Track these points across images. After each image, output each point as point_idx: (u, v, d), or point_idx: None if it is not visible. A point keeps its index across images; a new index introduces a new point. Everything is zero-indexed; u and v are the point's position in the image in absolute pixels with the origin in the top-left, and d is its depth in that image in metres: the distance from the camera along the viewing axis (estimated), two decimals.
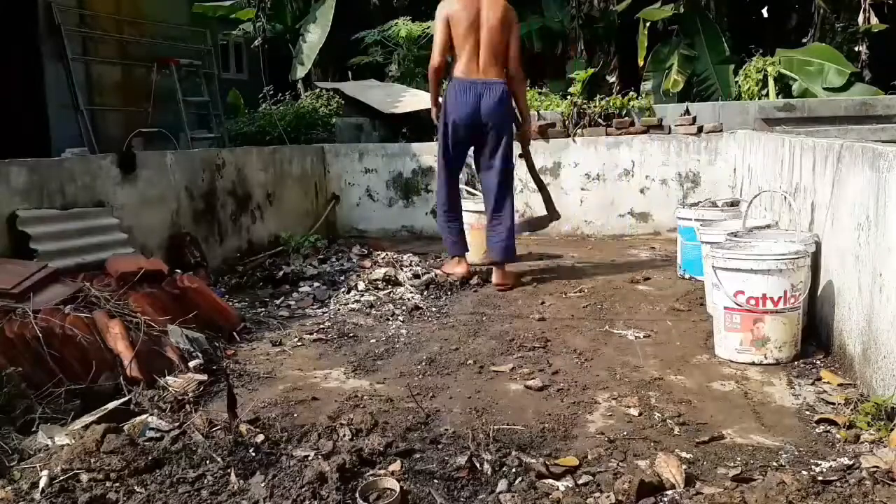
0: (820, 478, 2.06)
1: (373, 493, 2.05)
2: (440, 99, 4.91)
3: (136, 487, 2.16)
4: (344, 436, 2.45)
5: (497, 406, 2.79)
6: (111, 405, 2.66)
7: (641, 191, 6.77)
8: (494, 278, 4.84)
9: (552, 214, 5.48)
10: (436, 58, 4.80)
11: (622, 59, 11.27)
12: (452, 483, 2.15)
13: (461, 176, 5.18)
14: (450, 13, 4.73)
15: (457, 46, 4.74)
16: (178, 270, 4.30)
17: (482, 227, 5.18)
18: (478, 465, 2.22)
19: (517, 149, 5.10)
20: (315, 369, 3.32)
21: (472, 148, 4.91)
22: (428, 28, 9.24)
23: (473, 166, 5.21)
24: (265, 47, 10.13)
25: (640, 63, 10.35)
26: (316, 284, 4.98)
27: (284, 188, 6.61)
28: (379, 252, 5.98)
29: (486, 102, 4.67)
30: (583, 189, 6.88)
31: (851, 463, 2.19)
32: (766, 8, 11.88)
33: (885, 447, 2.23)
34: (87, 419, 2.56)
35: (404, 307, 4.34)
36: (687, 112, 6.98)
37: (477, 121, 4.69)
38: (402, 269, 5.12)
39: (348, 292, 4.68)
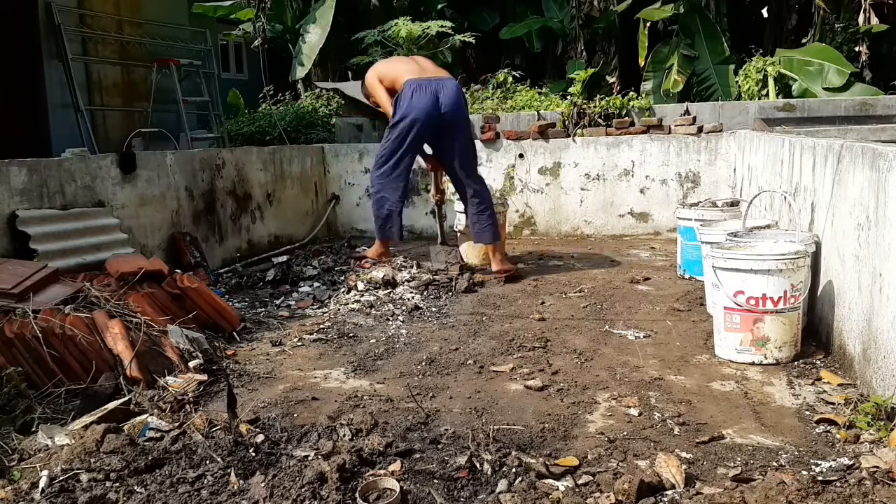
0: (820, 478, 2.06)
1: (373, 493, 2.05)
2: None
3: (136, 487, 2.16)
4: (344, 436, 2.45)
5: (497, 406, 2.79)
6: (111, 405, 2.66)
7: (641, 191, 6.78)
8: (494, 266, 4.96)
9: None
10: (389, 111, 5.05)
11: (622, 59, 11.25)
12: (452, 483, 2.15)
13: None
14: (379, 73, 5.10)
15: (394, 76, 5.01)
16: (178, 270, 4.30)
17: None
18: (478, 465, 2.22)
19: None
20: (315, 369, 3.32)
21: (432, 144, 5.14)
22: (427, 28, 9.23)
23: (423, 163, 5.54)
24: (265, 47, 10.11)
25: (641, 63, 10.34)
26: (316, 284, 4.99)
27: (284, 188, 6.61)
28: None
29: (444, 95, 4.87)
30: (583, 189, 6.88)
31: (851, 463, 2.19)
32: (766, 8, 11.86)
33: (885, 447, 2.23)
34: (87, 419, 2.56)
35: (404, 307, 4.34)
36: (687, 112, 6.97)
37: (437, 110, 4.86)
38: (401, 270, 5.11)
39: (348, 292, 4.68)
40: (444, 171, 5.27)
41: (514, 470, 2.19)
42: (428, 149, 5.23)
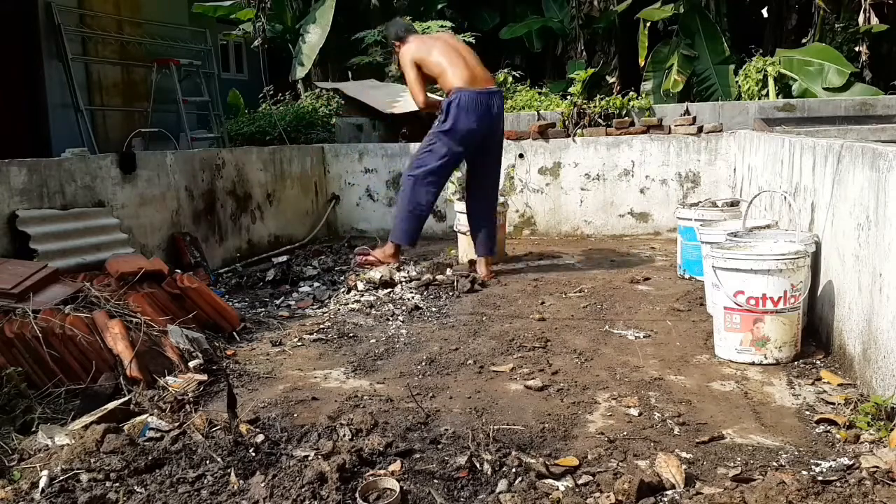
0: (820, 478, 2.06)
1: (373, 493, 2.05)
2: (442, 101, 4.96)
3: (136, 487, 2.16)
4: (344, 436, 2.45)
5: (497, 406, 2.79)
6: (111, 405, 2.66)
7: (641, 191, 6.78)
8: (483, 270, 5.03)
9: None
10: (419, 98, 4.93)
11: (622, 59, 11.27)
12: (452, 483, 2.15)
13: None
14: (417, 56, 4.86)
15: (440, 72, 4.83)
16: (178, 270, 4.30)
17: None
18: (478, 465, 2.22)
19: None
20: (315, 369, 3.32)
21: (470, 158, 5.02)
22: (427, 28, 9.23)
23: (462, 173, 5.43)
24: (265, 47, 10.12)
25: (641, 63, 10.35)
26: (316, 284, 4.99)
27: (284, 188, 6.61)
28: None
29: (496, 111, 4.82)
30: (583, 189, 6.88)
31: (851, 463, 2.19)
32: (766, 8, 11.87)
33: (885, 447, 2.23)
34: (87, 419, 2.56)
35: (404, 307, 4.34)
36: (687, 112, 6.98)
37: (489, 129, 4.82)
38: (401, 270, 5.11)
39: (348, 292, 4.68)
40: (469, 182, 5.19)
41: (514, 470, 2.19)
42: None
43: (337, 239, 7.07)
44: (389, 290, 4.70)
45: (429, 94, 5.04)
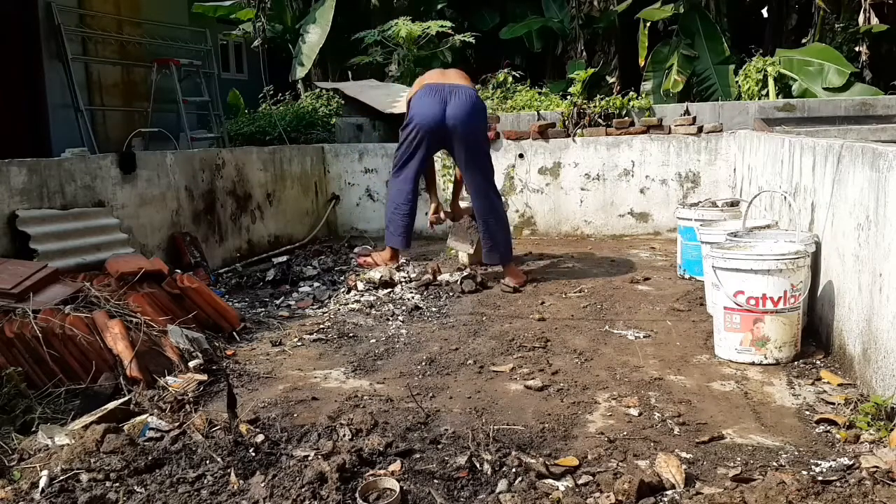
0: (820, 478, 2.06)
1: (373, 493, 2.05)
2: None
3: (136, 487, 2.16)
4: (344, 436, 2.45)
5: (497, 406, 2.79)
6: (111, 405, 2.66)
7: (641, 191, 6.78)
8: (511, 282, 4.83)
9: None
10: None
11: (622, 59, 11.27)
12: (452, 483, 2.15)
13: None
14: (409, 94, 5.04)
15: (420, 83, 4.95)
16: (178, 270, 4.31)
17: None
18: (478, 465, 2.22)
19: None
20: (315, 369, 3.32)
21: (449, 151, 5.05)
22: (427, 28, 9.23)
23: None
24: (265, 47, 10.13)
25: (641, 63, 10.35)
26: (316, 284, 4.99)
27: (284, 188, 6.61)
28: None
29: (455, 101, 4.70)
30: (583, 189, 6.88)
31: (851, 463, 2.19)
32: (765, 8, 11.88)
33: (885, 447, 2.23)
34: (87, 419, 2.56)
35: (404, 307, 4.34)
36: (687, 112, 6.97)
37: (440, 122, 4.71)
38: (401, 270, 5.11)
39: (348, 292, 4.68)
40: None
41: (514, 470, 2.19)
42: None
43: (337, 239, 7.07)
44: (389, 290, 4.70)
45: None
